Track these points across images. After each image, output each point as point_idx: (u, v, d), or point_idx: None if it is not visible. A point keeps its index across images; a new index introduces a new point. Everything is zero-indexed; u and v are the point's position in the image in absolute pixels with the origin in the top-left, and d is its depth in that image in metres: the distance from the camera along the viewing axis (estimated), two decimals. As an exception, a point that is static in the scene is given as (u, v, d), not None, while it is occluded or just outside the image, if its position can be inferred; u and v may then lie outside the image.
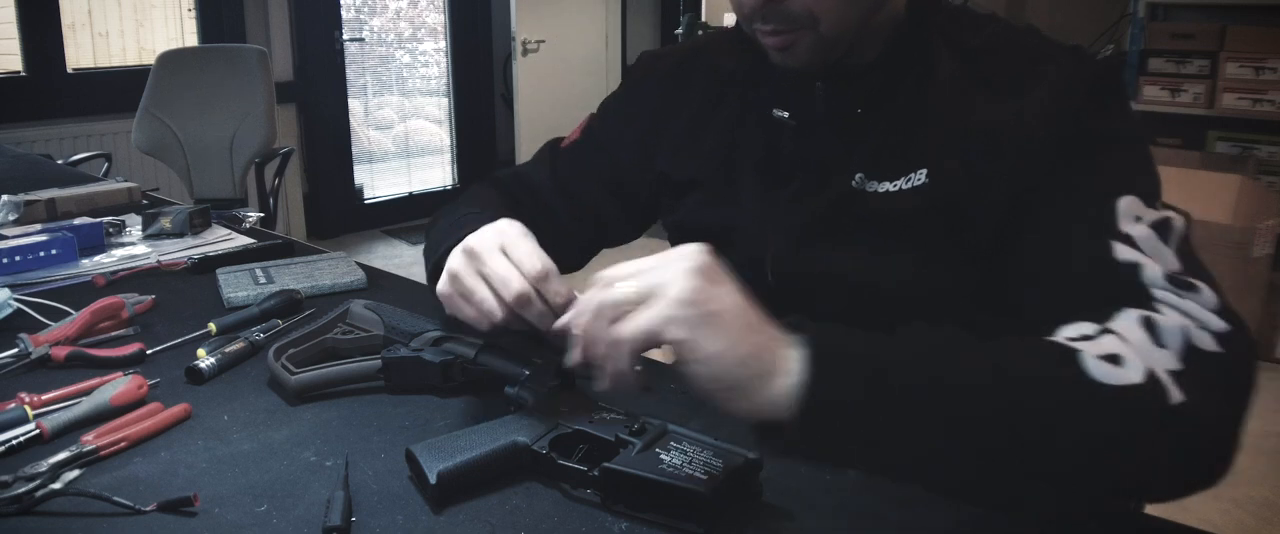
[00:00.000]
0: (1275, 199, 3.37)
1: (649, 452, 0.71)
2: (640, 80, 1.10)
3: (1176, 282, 0.71)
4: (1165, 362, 0.65)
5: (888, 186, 0.87)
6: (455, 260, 0.81)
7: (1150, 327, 0.67)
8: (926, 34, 0.89)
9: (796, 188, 0.92)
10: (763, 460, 0.71)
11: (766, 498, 0.72)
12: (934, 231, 0.86)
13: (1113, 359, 0.64)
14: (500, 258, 0.79)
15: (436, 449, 0.73)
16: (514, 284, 0.77)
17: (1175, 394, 0.64)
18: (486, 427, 0.77)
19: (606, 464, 0.70)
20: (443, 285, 0.83)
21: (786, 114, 0.92)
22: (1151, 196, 0.78)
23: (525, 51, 4.99)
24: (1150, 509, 0.75)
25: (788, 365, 0.62)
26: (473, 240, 0.81)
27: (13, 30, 3.76)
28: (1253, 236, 3.22)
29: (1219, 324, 0.68)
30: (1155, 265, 0.72)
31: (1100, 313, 0.70)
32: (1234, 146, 3.74)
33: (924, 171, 0.86)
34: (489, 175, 1.14)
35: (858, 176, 0.88)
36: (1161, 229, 0.75)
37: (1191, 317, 0.68)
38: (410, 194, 5.37)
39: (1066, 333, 0.69)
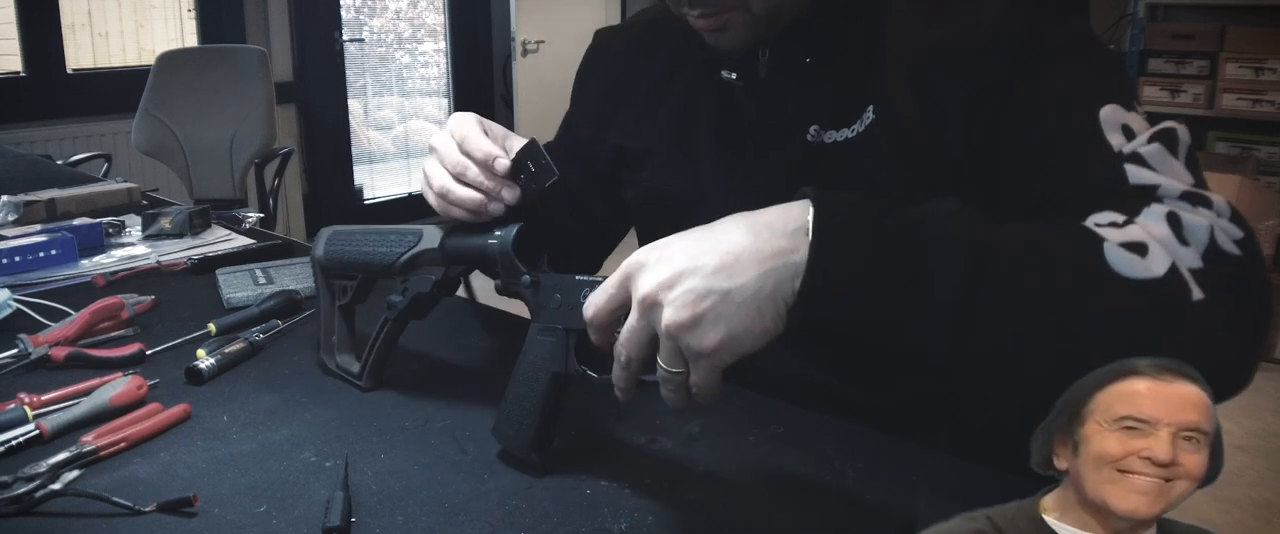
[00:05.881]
0: (1275, 199, 3.38)
1: None
2: (598, 58, 1.09)
3: (1191, 197, 0.68)
4: (1188, 259, 0.63)
5: (845, 133, 0.84)
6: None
7: (1175, 223, 0.65)
8: None
9: (754, 151, 0.90)
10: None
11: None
12: (894, 178, 0.82)
13: (1137, 248, 0.62)
14: (448, 140, 0.86)
15: (508, 425, 0.76)
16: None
17: (1196, 292, 0.61)
18: (521, 376, 0.76)
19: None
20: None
21: (734, 76, 0.89)
22: (1130, 99, 0.74)
23: (525, 52, 4.99)
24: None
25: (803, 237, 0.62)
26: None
27: (13, 30, 3.76)
28: (1253, 237, 3.22)
29: (1237, 231, 0.66)
30: (1171, 183, 0.68)
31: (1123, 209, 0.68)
32: (1234, 147, 3.74)
33: (871, 108, 0.83)
34: None
35: (813, 129, 0.85)
36: (1168, 141, 0.70)
37: (1214, 220, 0.66)
38: (410, 194, 5.37)
39: (1094, 219, 0.67)
